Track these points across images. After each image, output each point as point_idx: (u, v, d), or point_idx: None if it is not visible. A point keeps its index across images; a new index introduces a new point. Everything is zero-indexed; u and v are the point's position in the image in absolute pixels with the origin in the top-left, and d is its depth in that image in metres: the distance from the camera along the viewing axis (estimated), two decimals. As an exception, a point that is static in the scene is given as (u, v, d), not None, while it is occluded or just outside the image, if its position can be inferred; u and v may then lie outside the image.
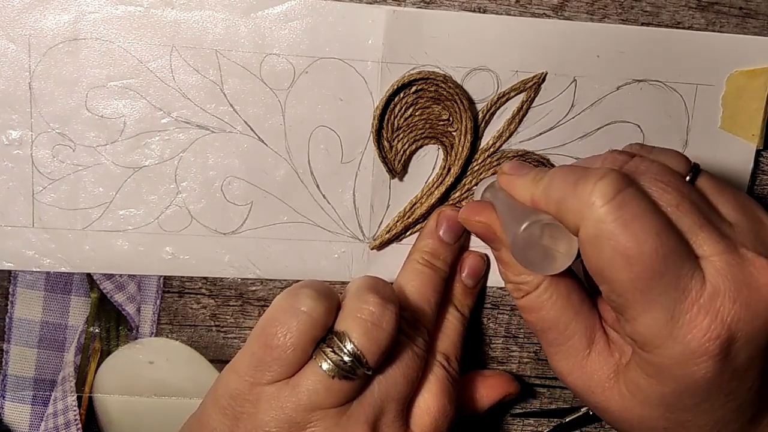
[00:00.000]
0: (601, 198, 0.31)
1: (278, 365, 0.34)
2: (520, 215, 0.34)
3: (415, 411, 0.37)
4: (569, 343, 0.36)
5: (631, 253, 0.30)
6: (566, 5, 0.41)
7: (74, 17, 0.38)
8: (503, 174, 0.37)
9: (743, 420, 0.33)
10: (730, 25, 0.42)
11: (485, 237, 0.39)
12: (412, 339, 0.37)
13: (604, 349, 0.36)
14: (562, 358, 0.37)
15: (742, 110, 0.42)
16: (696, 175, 0.35)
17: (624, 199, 0.31)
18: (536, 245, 0.34)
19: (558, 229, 0.33)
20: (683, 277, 0.31)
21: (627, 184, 0.31)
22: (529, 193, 0.35)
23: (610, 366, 0.35)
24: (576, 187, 0.32)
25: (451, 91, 0.40)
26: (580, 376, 0.36)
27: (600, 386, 0.35)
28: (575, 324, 0.36)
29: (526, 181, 0.36)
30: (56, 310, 0.41)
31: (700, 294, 0.31)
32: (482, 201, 0.40)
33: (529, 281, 0.36)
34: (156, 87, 0.39)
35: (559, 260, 0.34)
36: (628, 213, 0.31)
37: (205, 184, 0.40)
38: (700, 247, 0.32)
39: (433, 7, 0.40)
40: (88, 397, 0.42)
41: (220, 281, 0.42)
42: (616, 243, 0.31)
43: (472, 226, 0.39)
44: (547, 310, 0.36)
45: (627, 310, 0.32)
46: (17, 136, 0.39)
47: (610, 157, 0.35)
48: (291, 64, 0.39)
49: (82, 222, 0.40)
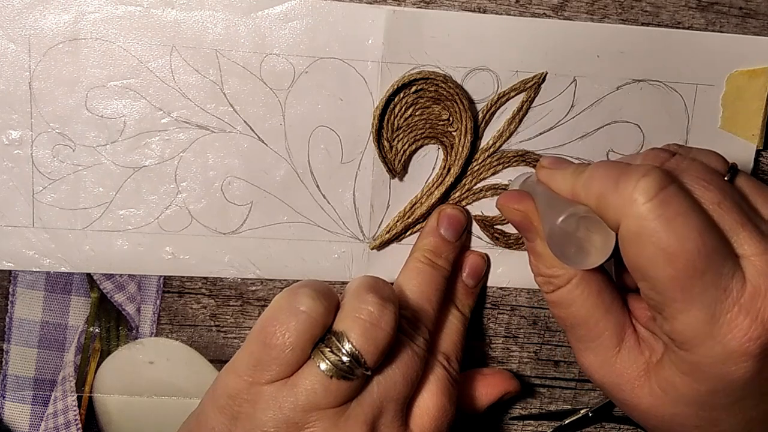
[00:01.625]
0: (644, 195, 0.31)
1: (277, 365, 0.34)
2: (559, 206, 0.34)
3: (415, 411, 0.37)
4: (599, 341, 0.36)
5: (672, 251, 0.30)
6: (566, 5, 0.41)
7: (74, 17, 0.38)
8: (542, 168, 0.37)
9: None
10: (730, 25, 0.42)
11: (521, 226, 0.38)
12: (413, 338, 0.37)
13: (634, 347, 0.36)
14: (591, 355, 0.36)
15: (742, 110, 0.42)
16: (734, 174, 0.35)
17: (666, 196, 0.31)
18: (573, 238, 0.34)
19: (596, 223, 0.33)
20: (724, 276, 0.31)
21: (669, 182, 0.31)
22: (569, 185, 0.35)
23: (640, 364, 0.35)
24: (618, 182, 0.32)
25: (451, 91, 0.40)
26: (608, 373, 0.36)
27: (629, 384, 0.35)
28: (605, 321, 0.36)
29: (566, 174, 0.36)
30: (56, 310, 0.41)
31: (741, 294, 0.31)
32: (521, 190, 0.39)
33: (561, 275, 0.36)
34: (156, 87, 0.39)
35: (594, 255, 0.34)
36: (670, 210, 0.31)
37: (205, 184, 0.40)
38: (740, 247, 0.32)
39: (433, 7, 0.40)
40: (88, 397, 0.43)
41: (220, 281, 0.42)
42: (659, 240, 0.30)
43: (510, 213, 0.38)
44: (577, 306, 0.36)
45: (666, 308, 0.32)
46: (17, 136, 0.39)
47: (651, 154, 0.35)
48: (291, 64, 0.39)
49: (82, 222, 0.40)
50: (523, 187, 0.40)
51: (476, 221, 0.43)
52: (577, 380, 0.45)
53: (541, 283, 0.38)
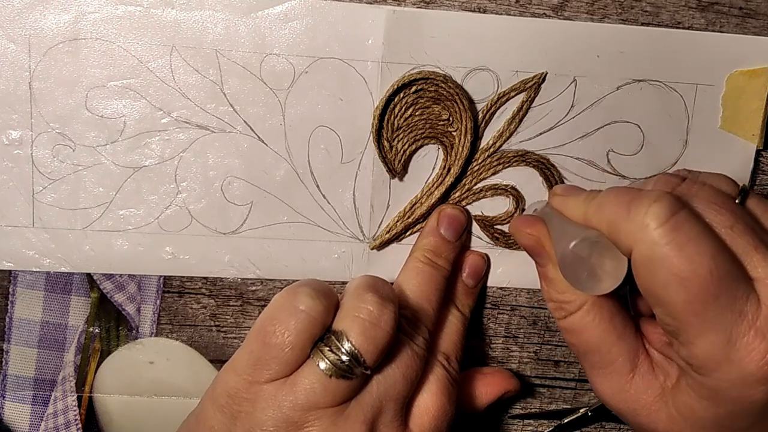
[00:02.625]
0: (655, 220, 0.31)
1: (276, 364, 0.34)
2: (572, 232, 0.34)
3: (415, 411, 0.37)
4: (612, 367, 0.36)
5: (686, 276, 0.30)
6: (566, 5, 0.41)
7: (74, 17, 0.38)
8: (556, 195, 0.38)
9: None
10: (730, 25, 0.42)
11: (533, 250, 0.38)
12: (412, 338, 0.37)
13: (648, 372, 0.36)
14: (605, 381, 0.36)
15: (742, 110, 0.42)
16: (745, 197, 0.35)
17: (678, 221, 0.31)
18: (584, 263, 0.34)
19: (608, 249, 0.33)
20: (739, 300, 0.31)
21: (681, 207, 0.31)
22: (582, 211, 0.35)
23: (655, 389, 0.35)
24: (629, 208, 0.32)
25: (451, 91, 0.40)
26: (624, 399, 0.36)
27: (645, 409, 0.35)
28: (618, 347, 0.36)
29: (578, 200, 0.36)
30: (56, 310, 0.41)
31: (756, 317, 0.31)
32: (534, 215, 0.40)
33: (573, 300, 0.36)
34: (156, 87, 0.39)
35: (606, 281, 0.34)
36: (682, 235, 0.31)
37: (205, 184, 0.40)
38: (754, 269, 0.32)
39: (433, 7, 0.40)
40: (88, 397, 0.42)
41: (220, 281, 0.42)
42: (671, 266, 0.31)
43: (522, 237, 0.39)
44: (589, 332, 0.36)
45: (682, 333, 0.32)
46: (17, 136, 0.39)
47: (662, 180, 0.35)
48: (291, 64, 0.40)
49: (82, 222, 0.40)
50: (538, 211, 0.40)
51: (476, 221, 0.43)
52: (577, 380, 0.45)
53: (553, 308, 0.38)
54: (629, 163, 0.42)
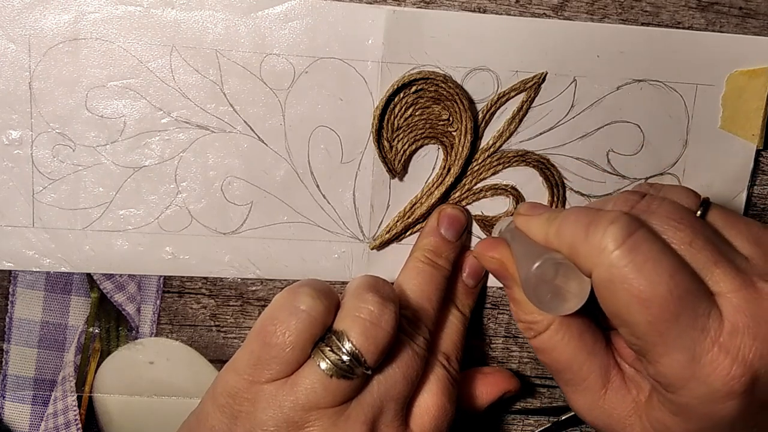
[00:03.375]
0: (612, 242, 0.31)
1: (277, 364, 0.34)
2: (534, 253, 0.34)
3: (415, 411, 0.37)
4: (585, 383, 0.36)
5: (645, 297, 0.30)
6: (566, 5, 0.41)
7: (74, 17, 0.38)
8: (519, 215, 0.38)
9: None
10: (730, 25, 0.42)
11: (498, 273, 0.38)
12: (413, 338, 0.37)
13: (621, 387, 0.36)
14: (580, 398, 0.36)
15: (742, 110, 0.42)
16: (706, 209, 0.35)
17: (635, 242, 0.31)
18: (548, 284, 0.34)
19: (571, 270, 0.33)
20: (700, 317, 0.31)
21: (638, 227, 0.31)
22: (543, 232, 0.35)
23: (628, 403, 0.35)
24: (588, 230, 0.32)
25: (451, 91, 0.40)
26: (598, 415, 0.36)
27: (620, 423, 0.35)
28: (589, 364, 0.36)
29: (540, 221, 0.36)
30: (56, 310, 0.41)
31: (719, 333, 0.30)
32: (497, 238, 0.40)
33: (540, 321, 0.36)
34: (156, 87, 0.39)
35: (571, 301, 0.34)
36: (640, 256, 0.30)
37: (205, 184, 0.40)
38: (716, 284, 0.31)
39: (433, 7, 0.40)
40: (88, 397, 0.42)
41: (220, 281, 0.42)
42: (630, 287, 0.30)
43: (486, 261, 0.39)
44: (559, 351, 0.36)
45: (648, 352, 0.32)
46: (17, 136, 0.39)
47: (621, 198, 0.35)
48: (291, 64, 0.40)
49: (82, 222, 0.40)
50: (504, 233, 0.40)
51: (476, 221, 0.43)
52: (577, 380, 0.45)
53: (523, 329, 0.38)
54: (629, 163, 0.42)
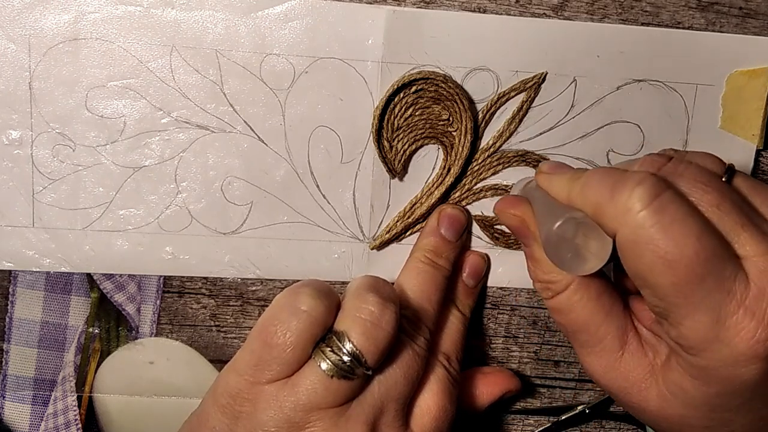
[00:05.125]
0: (639, 203, 0.31)
1: (277, 364, 0.34)
2: (556, 212, 0.34)
3: (416, 411, 0.37)
4: (601, 345, 0.36)
5: (671, 258, 0.30)
6: (566, 5, 0.41)
7: (74, 17, 0.38)
8: (541, 173, 0.37)
9: None
10: (730, 25, 0.42)
11: (518, 231, 0.38)
12: (413, 338, 0.37)
13: (638, 350, 0.36)
14: (595, 360, 0.36)
15: (742, 110, 0.42)
16: (732, 175, 0.34)
17: (662, 203, 0.31)
18: (569, 243, 0.33)
19: (592, 229, 0.33)
20: (726, 280, 0.30)
21: (665, 188, 0.31)
22: (566, 191, 0.35)
23: (644, 366, 0.35)
24: (613, 191, 0.32)
25: (451, 91, 0.40)
26: (614, 378, 0.36)
27: (636, 387, 0.35)
28: (606, 326, 0.36)
29: (563, 180, 0.35)
30: (56, 310, 0.41)
31: (745, 296, 0.30)
32: (518, 196, 0.39)
33: (559, 281, 0.36)
34: (156, 87, 0.39)
35: (591, 261, 0.33)
36: (666, 217, 0.30)
37: (205, 184, 0.40)
38: (742, 248, 0.31)
39: (433, 7, 0.40)
40: (88, 397, 0.42)
41: (220, 281, 0.42)
42: (656, 248, 0.30)
43: (507, 218, 0.38)
44: (577, 312, 0.36)
45: (670, 314, 0.32)
46: (17, 136, 0.39)
47: (647, 160, 0.35)
48: (291, 64, 0.39)
49: (82, 222, 0.40)
50: (523, 192, 0.40)
51: (476, 221, 0.43)
52: (577, 380, 0.45)
53: (540, 289, 0.38)
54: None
